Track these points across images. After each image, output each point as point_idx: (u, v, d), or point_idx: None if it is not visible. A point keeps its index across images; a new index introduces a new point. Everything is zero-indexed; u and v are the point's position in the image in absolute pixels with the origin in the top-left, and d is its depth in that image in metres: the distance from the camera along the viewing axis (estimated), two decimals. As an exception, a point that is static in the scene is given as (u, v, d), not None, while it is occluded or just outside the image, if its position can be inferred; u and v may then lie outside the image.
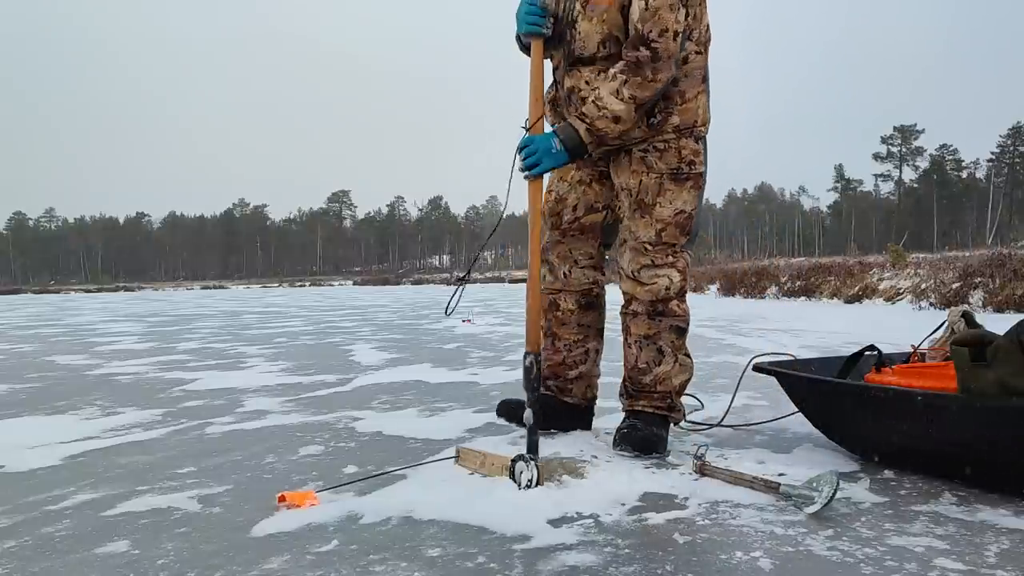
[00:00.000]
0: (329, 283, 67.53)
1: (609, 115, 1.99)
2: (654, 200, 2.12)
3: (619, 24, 2.05)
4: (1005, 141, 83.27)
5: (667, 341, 2.17)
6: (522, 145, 2.04)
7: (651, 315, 2.15)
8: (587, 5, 2.07)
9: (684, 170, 2.13)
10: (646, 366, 2.18)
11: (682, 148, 2.12)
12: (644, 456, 2.05)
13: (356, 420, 2.77)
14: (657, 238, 2.13)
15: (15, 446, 2.42)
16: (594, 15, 2.06)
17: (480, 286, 38.36)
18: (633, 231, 2.15)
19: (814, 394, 2.10)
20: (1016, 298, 8.21)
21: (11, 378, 4.32)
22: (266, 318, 11.13)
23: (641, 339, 2.18)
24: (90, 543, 1.50)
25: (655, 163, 2.12)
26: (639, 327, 2.18)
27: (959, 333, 2.04)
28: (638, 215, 2.14)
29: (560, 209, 2.31)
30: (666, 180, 2.12)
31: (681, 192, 2.13)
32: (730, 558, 1.34)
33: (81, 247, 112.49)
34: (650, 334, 2.17)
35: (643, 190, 2.13)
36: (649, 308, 2.15)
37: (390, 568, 1.33)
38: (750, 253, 72.21)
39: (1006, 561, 1.30)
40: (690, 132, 2.13)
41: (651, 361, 2.17)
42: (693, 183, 2.15)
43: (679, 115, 2.10)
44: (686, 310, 2.20)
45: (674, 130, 2.11)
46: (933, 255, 19.37)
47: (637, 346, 2.19)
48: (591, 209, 2.30)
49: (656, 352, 2.17)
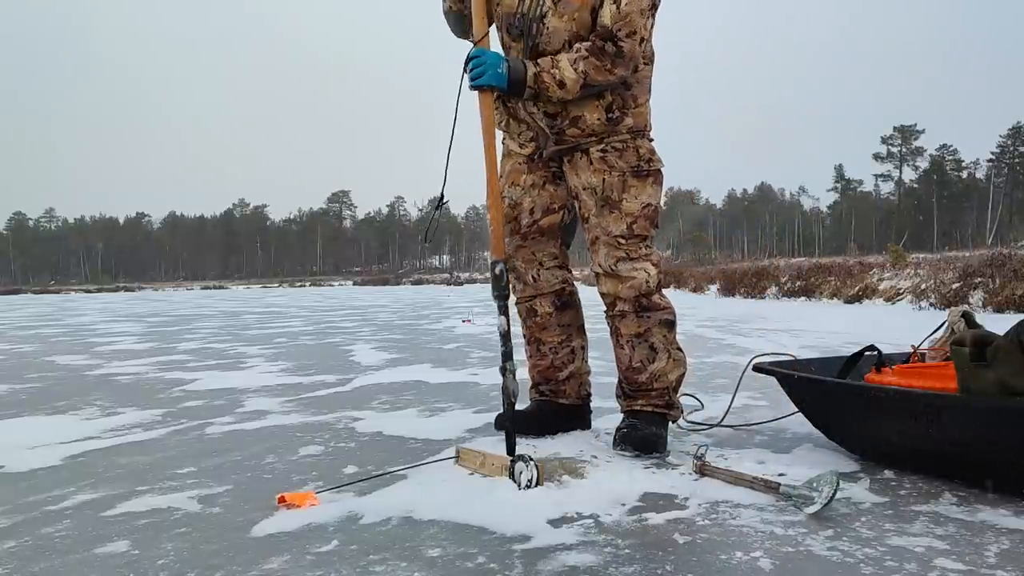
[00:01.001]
0: (329, 283, 67.52)
1: (558, 76, 2.03)
2: (620, 196, 2.15)
3: (588, 25, 2.08)
4: (1005, 141, 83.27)
5: (658, 337, 2.18)
6: (472, 55, 2.04)
7: (638, 312, 2.16)
8: (559, 2, 2.08)
9: (644, 167, 2.17)
10: (640, 365, 2.18)
11: (639, 147, 2.18)
12: (644, 456, 2.05)
13: (356, 420, 2.77)
14: (629, 231, 2.15)
15: (15, 446, 2.42)
16: (566, 12, 2.07)
17: (480, 286, 38.36)
18: (604, 227, 2.16)
19: (814, 394, 2.10)
20: (1016, 298, 8.21)
21: (11, 378, 4.32)
22: (266, 318, 11.13)
23: (632, 338, 2.18)
24: (90, 543, 1.50)
25: (616, 162, 2.15)
26: (628, 326, 2.18)
27: (959, 333, 2.04)
28: (607, 211, 2.16)
29: (517, 214, 2.30)
30: (629, 176, 2.16)
31: (645, 187, 2.17)
32: (730, 558, 1.34)
33: (81, 247, 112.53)
34: (640, 332, 2.17)
35: (608, 187, 2.15)
36: (635, 305, 2.16)
37: (390, 568, 1.33)
38: (750, 253, 72.25)
39: (1006, 561, 1.30)
40: (642, 134, 2.20)
41: (645, 359, 2.18)
42: (654, 179, 2.19)
43: (632, 118, 2.16)
44: (669, 302, 2.22)
45: (628, 131, 2.17)
46: (933, 255, 19.39)
47: (629, 346, 2.19)
48: (548, 211, 2.30)
49: (649, 349, 2.18)
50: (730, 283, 16.59)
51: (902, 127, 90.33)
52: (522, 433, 2.13)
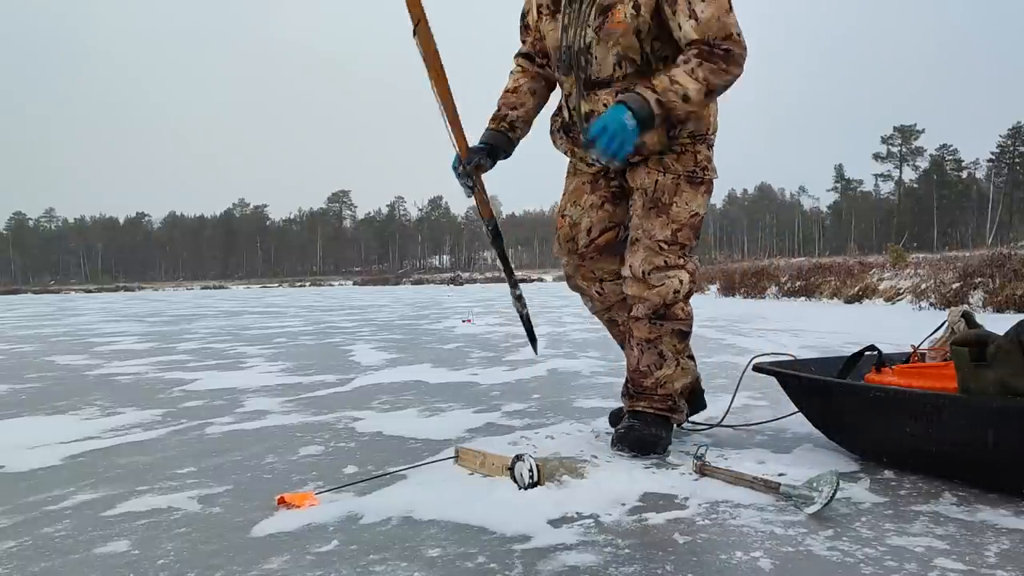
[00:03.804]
0: (329, 283, 67.50)
1: (680, 91, 1.92)
2: (671, 200, 2.11)
3: (634, 47, 2.03)
4: (1005, 141, 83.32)
5: (668, 346, 2.16)
6: (595, 133, 1.92)
7: (652, 319, 2.14)
8: (600, 31, 2.05)
9: (699, 174, 2.13)
10: (647, 369, 2.17)
11: (697, 153, 2.13)
12: (642, 456, 2.05)
13: (356, 420, 2.77)
14: (673, 238, 2.11)
15: (15, 446, 2.42)
16: (610, 40, 2.03)
17: (480, 286, 38.36)
18: (647, 229, 2.12)
19: (814, 394, 2.10)
20: (1016, 298, 8.21)
21: (11, 378, 4.32)
22: (266, 318, 11.13)
23: (643, 343, 2.17)
24: (90, 543, 1.50)
25: (672, 164, 2.12)
26: (640, 331, 2.16)
27: (959, 333, 2.04)
28: (654, 214, 2.12)
29: (575, 234, 2.29)
30: (683, 182, 2.12)
31: (696, 195, 2.13)
32: (730, 558, 1.34)
33: (81, 247, 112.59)
34: (651, 338, 2.16)
35: (660, 189, 2.12)
36: (650, 312, 2.13)
37: (390, 568, 1.33)
38: (750, 253, 72.23)
39: (1006, 561, 1.29)
40: (703, 139, 2.14)
41: (652, 364, 2.17)
42: (706, 188, 2.16)
43: (694, 122, 2.10)
44: (690, 313, 2.18)
45: (689, 136, 2.12)
46: (933, 255, 19.38)
47: (639, 349, 2.18)
48: (605, 229, 2.28)
49: (657, 356, 2.16)
50: (730, 283, 16.58)
51: (902, 127, 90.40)
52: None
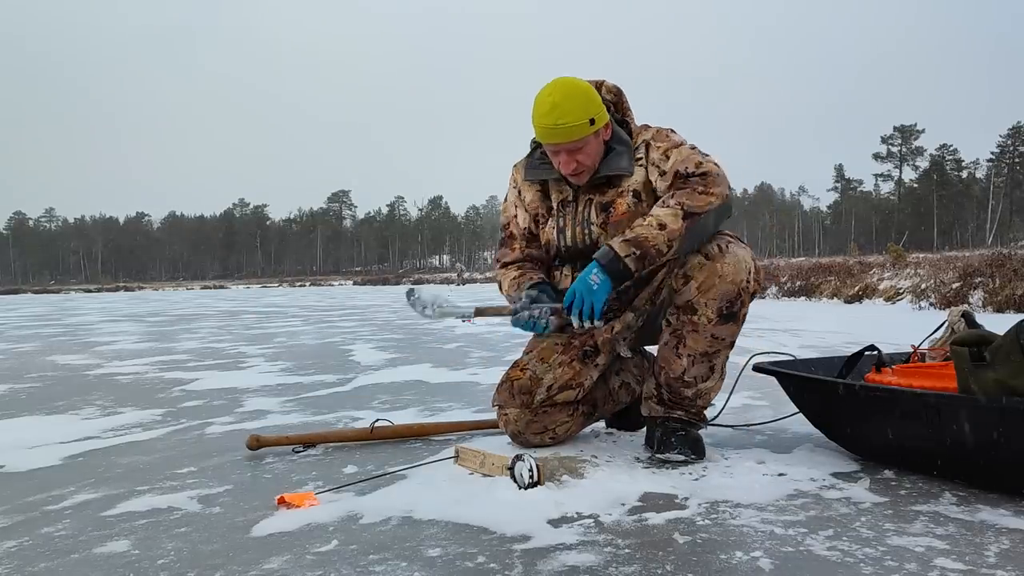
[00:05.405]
0: (329, 283, 67.45)
1: (654, 222, 1.88)
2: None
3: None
4: (1005, 141, 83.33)
5: (722, 360, 2.07)
6: (567, 303, 1.92)
7: (715, 337, 2.01)
8: (607, 225, 2.06)
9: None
10: (693, 380, 2.06)
11: None
12: (695, 459, 2.00)
13: (356, 420, 2.77)
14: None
15: (15, 446, 2.42)
16: (617, 230, 2.01)
17: (480, 286, 38.34)
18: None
19: (814, 394, 2.10)
20: (1016, 298, 8.21)
21: (11, 378, 4.32)
22: (266, 318, 11.13)
23: (696, 354, 2.03)
24: (90, 543, 1.50)
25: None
26: (698, 342, 2.02)
27: (959, 333, 2.04)
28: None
29: (533, 388, 2.13)
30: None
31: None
32: (730, 558, 1.34)
33: (81, 247, 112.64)
34: (709, 352, 2.03)
35: None
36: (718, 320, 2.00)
37: (390, 568, 1.33)
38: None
39: (1006, 561, 1.29)
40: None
41: (699, 376, 2.06)
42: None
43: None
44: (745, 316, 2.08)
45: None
46: (933, 255, 19.38)
47: (689, 359, 2.04)
48: (565, 387, 2.14)
49: (708, 370, 2.06)
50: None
51: (902, 127, 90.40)
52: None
